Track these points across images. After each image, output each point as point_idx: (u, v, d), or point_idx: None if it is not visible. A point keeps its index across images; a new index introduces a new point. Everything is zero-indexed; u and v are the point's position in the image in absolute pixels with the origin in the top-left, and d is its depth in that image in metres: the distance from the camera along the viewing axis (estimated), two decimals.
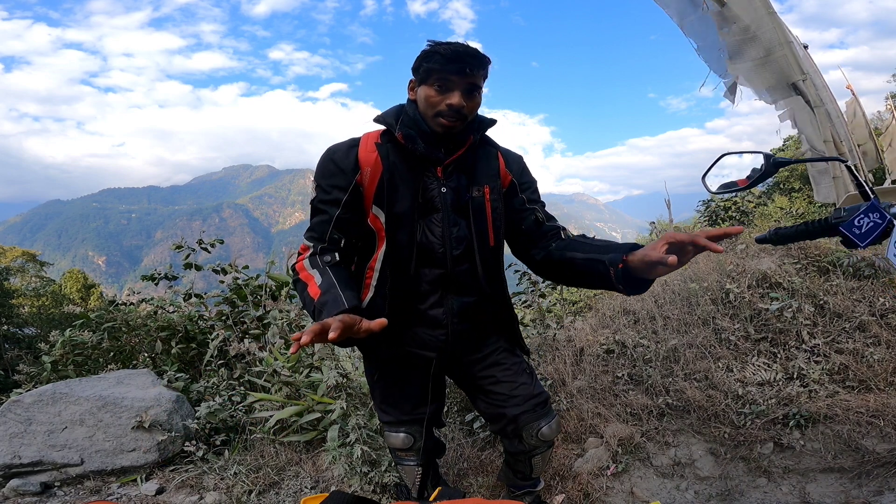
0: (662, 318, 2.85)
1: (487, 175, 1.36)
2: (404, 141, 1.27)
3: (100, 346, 3.32)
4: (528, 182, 1.46)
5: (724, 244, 3.97)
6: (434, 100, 1.23)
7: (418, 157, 1.29)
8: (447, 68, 1.20)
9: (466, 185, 1.34)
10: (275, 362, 2.54)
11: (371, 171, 1.29)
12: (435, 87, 1.23)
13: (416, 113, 1.28)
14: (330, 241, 1.32)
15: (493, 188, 1.36)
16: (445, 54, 1.19)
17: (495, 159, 1.40)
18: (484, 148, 1.39)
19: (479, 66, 1.22)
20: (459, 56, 1.19)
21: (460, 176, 1.34)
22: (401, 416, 1.56)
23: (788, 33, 3.61)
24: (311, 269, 1.28)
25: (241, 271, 3.46)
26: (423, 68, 1.24)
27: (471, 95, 1.24)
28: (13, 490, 2.25)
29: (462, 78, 1.21)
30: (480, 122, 1.36)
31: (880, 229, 0.94)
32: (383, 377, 1.54)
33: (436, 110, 1.24)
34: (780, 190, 13.53)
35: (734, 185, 1.14)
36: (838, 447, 1.93)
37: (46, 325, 11.86)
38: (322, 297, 1.19)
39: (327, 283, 1.22)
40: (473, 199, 1.34)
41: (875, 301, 2.56)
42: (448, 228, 1.33)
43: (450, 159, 1.31)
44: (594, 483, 1.99)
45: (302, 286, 1.27)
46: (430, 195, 1.31)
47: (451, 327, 1.40)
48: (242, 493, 2.11)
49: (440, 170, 1.31)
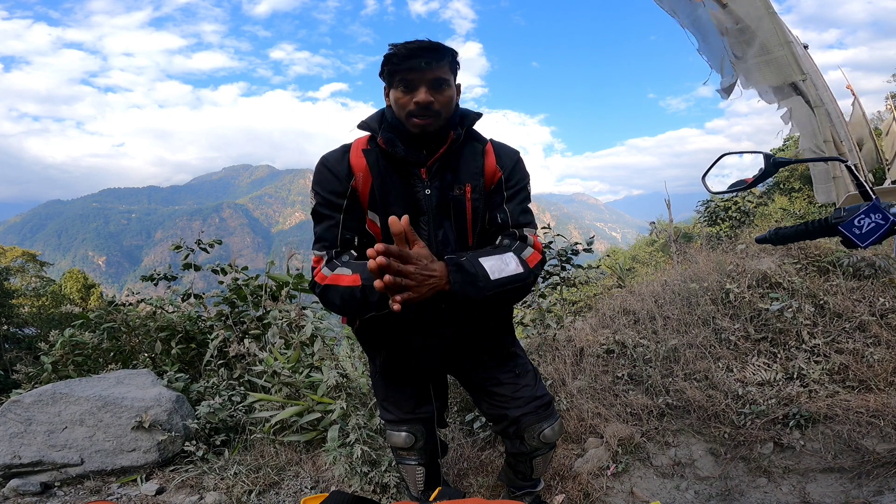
0: (662, 318, 2.85)
1: (470, 173, 1.32)
2: (385, 145, 1.26)
3: (100, 346, 3.31)
4: (517, 180, 1.38)
5: (724, 244, 3.97)
6: (402, 100, 1.22)
7: (401, 161, 1.28)
8: (406, 66, 1.19)
9: (450, 184, 1.31)
10: (275, 362, 2.54)
11: (363, 176, 1.28)
12: (401, 89, 1.22)
13: (394, 117, 1.27)
14: (342, 243, 1.29)
15: (475, 187, 1.31)
16: (402, 53, 1.19)
17: (481, 155, 1.34)
18: (470, 144, 1.34)
19: (437, 59, 1.20)
20: (415, 52, 1.18)
21: (445, 175, 1.31)
22: (402, 415, 1.56)
23: (788, 33, 3.61)
24: (334, 270, 1.23)
25: (241, 271, 3.45)
26: (386, 72, 1.23)
27: (438, 89, 1.21)
28: (13, 490, 2.25)
29: (423, 73, 1.19)
30: (464, 117, 1.33)
31: (883, 230, 0.94)
32: (386, 376, 1.55)
33: (406, 110, 1.22)
34: (780, 190, 13.52)
35: (742, 183, 1.13)
36: (838, 447, 1.93)
37: (46, 325, 11.87)
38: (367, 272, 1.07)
39: (362, 264, 1.17)
40: (455, 197, 1.31)
41: (875, 301, 2.56)
42: (433, 231, 1.30)
43: (432, 159, 1.28)
44: (594, 483, 1.99)
45: (333, 290, 1.20)
46: (416, 198, 1.30)
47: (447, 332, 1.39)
48: (242, 493, 2.11)
49: (424, 171, 1.29)
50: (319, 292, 1.25)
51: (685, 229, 9.04)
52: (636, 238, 20.31)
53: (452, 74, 1.26)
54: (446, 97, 1.24)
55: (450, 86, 1.25)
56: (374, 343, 1.50)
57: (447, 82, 1.23)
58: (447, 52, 1.23)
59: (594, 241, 3.68)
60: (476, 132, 1.38)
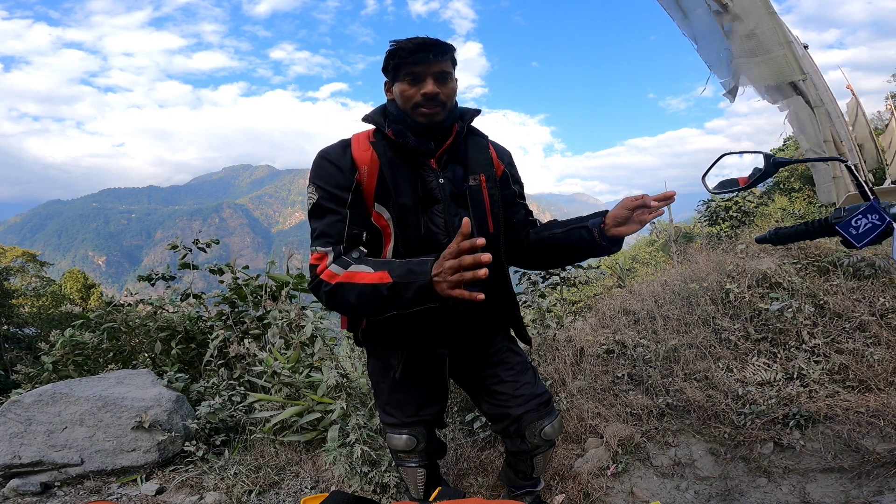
0: (662, 318, 2.85)
1: (482, 164, 1.39)
2: (395, 136, 1.29)
3: (100, 346, 3.31)
4: (518, 177, 1.51)
5: (725, 244, 3.99)
6: (409, 93, 1.27)
7: (411, 151, 1.31)
8: (413, 59, 1.24)
9: (463, 175, 1.36)
10: (275, 362, 2.54)
11: (369, 168, 1.28)
12: (407, 81, 1.26)
13: (398, 110, 1.31)
14: (349, 238, 1.25)
15: (489, 176, 1.38)
16: (408, 48, 1.24)
17: (486, 149, 1.42)
18: (473, 138, 1.41)
19: (442, 53, 1.26)
20: (422, 46, 1.24)
21: (455, 167, 1.37)
22: (404, 419, 1.54)
23: (788, 33, 3.61)
24: (348, 267, 1.18)
25: (241, 271, 3.45)
26: (392, 66, 1.28)
27: (443, 81, 1.27)
28: (13, 490, 2.25)
29: (429, 66, 1.25)
30: (464, 112, 1.38)
31: (879, 230, 0.94)
32: (390, 380, 1.49)
33: (413, 102, 1.27)
34: (780, 190, 13.52)
35: (735, 183, 1.14)
36: (838, 447, 1.93)
37: (46, 325, 11.86)
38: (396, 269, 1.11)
39: (384, 262, 1.17)
40: (471, 187, 1.36)
41: (875, 301, 2.56)
42: (450, 218, 1.33)
43: (441, 150, 1.33)
44: (594, 483, 1.99)
45: (348, 288, 1.16)
46: (429, 187, 1.32)
47: (461, 323, 1.39)
48: (242, 493, 2.11)
49: (434, 161, 1.33)
50: (329, 291, 1.20)
51: (685, 229, 9.04)
52: (636, 238, 20.28)
53: (453, 69, 1.32)
54: (450, 89, 1.30)
55: (453, 79, 1.31)
56: (392, 343, 1.43)
57: (450, 75, 1.30)
58: (449, 48, 1.29)
59: None
60: (475, 128, 1.44)
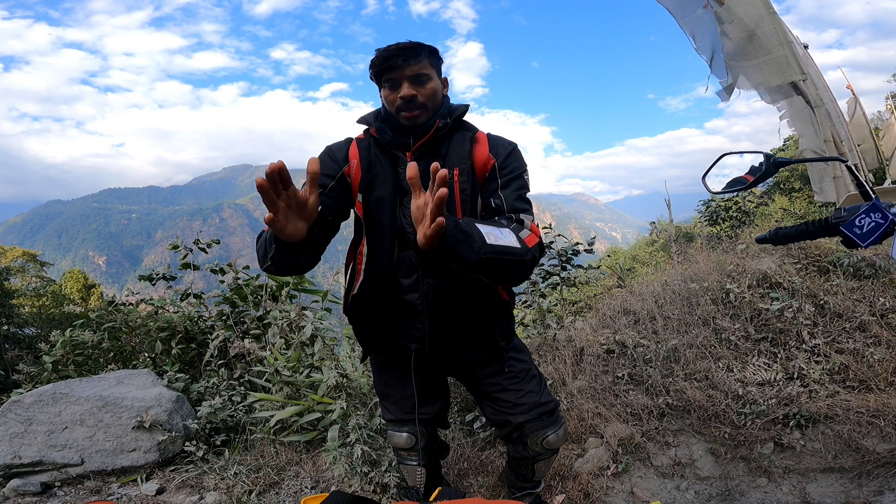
0: (662, 318, 2.85)
1: (458, 158, 1.37)
2: (376, 133, 1.37)
3: (100, 346, 3.31)
4: (512, 168, 1.38)
5: (725, 244, 3.98)
6: (390, 98, 1.34)
7: (390, 146, 1.37)
8: (387, 66, 1.30)
9: None
10: (275, 362, 2.54)
11: (357, 164, 1.38)
12: (388, 87, 1.33)
13: (388, 112, 1.38)
14: None
15: (463, 170, 1.35)
16: (382, 56, 1.30)
17: (469, 142, 1.39)
18: (459, 132, 1.42)
19: (414, 56, 1.29)
20: (393, 54, 1.29)
21: (432, 160, 1.31)
22: (401, 415, 1.56)
23: (788, 33, 3.61)
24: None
25: (242, 271, 3.45)
26: (372, 74, 1.35)
27: (419, 84, 1.31)
28: (13, 490, 2.25)
29: (403, 71, 1.30)
30: (454, 109, 1.40)
31: (882, 229, 0.94)
32: (382, 374, 1.56)
33: (395, 106, 1.33)
34: (780, 190, 13.51)
35: (743, 181, 1.11)
36: (838, 447, 1.93)
37: (47, 325, 11.87)
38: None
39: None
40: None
41: (875, 301, 2.56)
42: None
43: (417, 144, 1.36)
44: (594, 483, 1.99)
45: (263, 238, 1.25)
46: (399, 179, 1.36)
47: (428, 315, 1.38)
48: (242, 493, 2.11)
49: (409, 155, 1.36)
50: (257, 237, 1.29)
51: (685, 229, 9.04)
52: (636, 238, 20.26)
53: (434, 69, 1.35)
54: (429, 90, 1.33)
55: (431, 79, 1.33)
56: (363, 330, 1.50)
57: (428, 76, 1.33)
58: (423, 49, 1.31)
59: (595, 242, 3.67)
60: (466, 122, 1.45)
